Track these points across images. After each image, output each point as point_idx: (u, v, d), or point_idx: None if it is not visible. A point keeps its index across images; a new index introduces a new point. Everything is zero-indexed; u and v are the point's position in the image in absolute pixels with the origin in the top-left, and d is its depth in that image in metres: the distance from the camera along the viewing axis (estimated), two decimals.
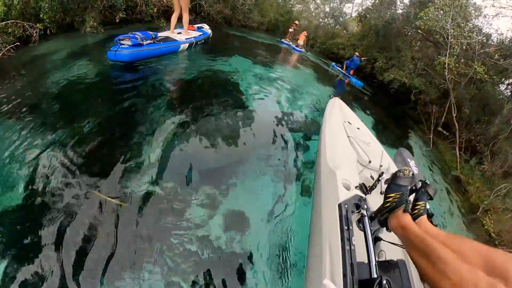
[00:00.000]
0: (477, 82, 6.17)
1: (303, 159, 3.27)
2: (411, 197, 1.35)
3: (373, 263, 1.23)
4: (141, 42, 4.06)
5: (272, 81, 5.92)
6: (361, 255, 1.29)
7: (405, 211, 1.20)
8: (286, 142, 3.47)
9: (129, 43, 3.95)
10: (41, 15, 4.21)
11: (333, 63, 12.91)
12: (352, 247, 1.28)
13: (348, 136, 2.50)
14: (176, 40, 5.10)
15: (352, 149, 2.29)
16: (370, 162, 2.15)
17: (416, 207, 1.26)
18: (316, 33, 18.15)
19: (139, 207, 1.98)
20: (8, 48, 3.66)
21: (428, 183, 1.33)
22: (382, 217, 1.30)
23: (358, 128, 2.91)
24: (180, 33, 5.64)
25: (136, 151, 2.47)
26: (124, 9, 6.07)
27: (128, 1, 6.15)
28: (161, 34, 4.95)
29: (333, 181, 1.72)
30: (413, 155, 5.73)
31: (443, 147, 7.38)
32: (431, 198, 1.31)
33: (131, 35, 3.96)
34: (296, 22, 15.24)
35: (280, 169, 2.89)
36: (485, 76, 5.63)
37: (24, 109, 2.69)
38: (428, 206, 1.31)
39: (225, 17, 11.74)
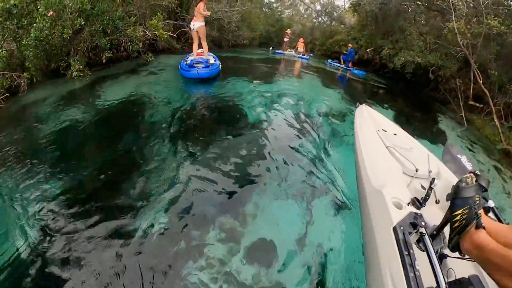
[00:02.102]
0: (496, 37, 6.01)
1: (326, 172, 3.23)
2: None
3: (443, 286, 1.18)
4: (209, 64, 6.38)
5: (277, 95, 6.16)
6: (427, 279, 1.24)
7: (477, 227, 1.09)
8: (303, 157, 3.47)
9: (202, 65, 6.12)
10: (26, 64, 4.64)
11: (329, 60, 13.95)
12: (417, 273, 1.25)
13: (386, 147, 2.47)
14: (216, 64, 6.78)
15: (394, 161, 2.26)
16: (417, 170, 2.12)
17: None
18: (313, 35, 18.74)
19: (153, 249, 1.98)
20: None
21: (479, 173, 1.28)
22: (452, 240, 1.21)
23: (395, 134, 2.87)
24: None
25: (143, 189, 2.54)
26: (109, 48, 6.54)
27: (111, 39, 6.63)
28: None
29: (381, 202, 1.71)
30: (446, 139, 5.61)
31: (480, 121, 7.08)
32: (485, 190, 1.26)
33: (196, 60, 6.38)
34: (288, 31, 16.10)
35: (303, 189, 2.84)
36: (502, 27, 5.47)
37: (19, 159, 2.88)
38: (487, 200, 1.26)
39: (213, 39, 12.38)
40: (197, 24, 6.36)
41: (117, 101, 4.66)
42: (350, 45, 12.99)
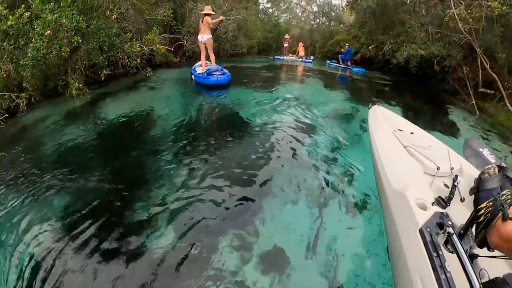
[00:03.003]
0: (499, 19, 5.99)
1: (338, 174, 3.25)
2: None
3: (477, 287, 1.14)
4: (225, 72, 7.24)
5: (281, 101, 6.30)
6: (459, 281, 1.22)
7: (505, 219, 1.06)
8: (313, 161, 3.52)
9: (220, 73, 6.97)
10: (24, 84, 4.84)
11: (328, 61, 14.66)
12: (448, 275, 1.23)
13: (404, 147, 2.47)
14: (227, 72, 7.51)
15: (414, 161, 2.26)
16: (438, 168, 2.12)
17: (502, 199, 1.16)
18: (312, 37, 18.96)
19: (163, 262, 2.00)
20: None
21: (505, 165, 1.25)
22: (479, 236, 1.19)
23: (412, 133, 2.87)
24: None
25: (150, 203, 2.59)
26: (106, 66, 6.75)
27: (109, 56, 6.86)
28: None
29: (405, 205, 1.71)
30: (459, 131, 5.57)
31: (492, 108, 7.00)
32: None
33: (213, 69, 7.15)
34: (287, 36, 16.52)
35: (313, 193, 2.87)
36: (504, 8, 5.47)
37: (22, 178, 2.99)
38: None
39: None
40: (205, 37, 7.15)
41: (119, 118, 4.78)
42: (347, 44, 13.62)
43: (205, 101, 6.07)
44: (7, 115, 4.50)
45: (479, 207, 1.18)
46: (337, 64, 13.72)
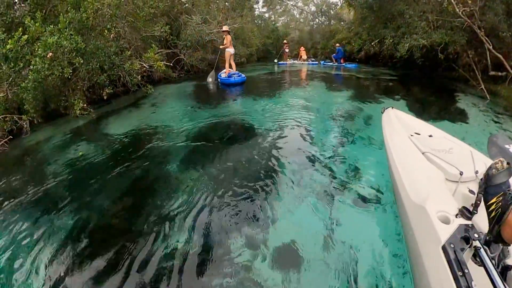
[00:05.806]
0: None
1: (347, 171, 3.37)
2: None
3: None
4: (240, 74, 9.91)
5: (284, 104, 6.62)
6: None
7: None
8: (321, 159, 3.66)
9: (237, 75, 9.76)
10: (25, 106, 5.12)
11: (322, 61, 16.36)
12: None
13: (423, 153, 2.38)
14: (242, 75, 10.01)
15: (434, 168, 2.15)
16: (461, 173, 2.01)
17: None
18: (313, 39, 19.27)
19: (178, 266, 2.11)
20: (2, 142, 4.50)
21: None
22: (493, 232, 1.20)
23: (431, 136, 2.79)
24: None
25: (161, 213, 2.72)
26: (108, 85, 7.10)
27: (109, 75, 7.19)
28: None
29: (425, 220, 1.64)
30: (467, 118, 5.64)
31: (505, 90, 7.08)
32: None
33: (231, 73, 9.85)
34: (285, 41, 17.20)
35: (324, 191, 2.94)
36: None
37: (29, 198, 3.15)
38: None
39: (209, 63, 12.96)
40: (234, 50, 10.03)
41: (125, 135, 4.98)
42: (337, 44, 15.28)
43: (208, 113, 6.29)
44: (11, 137, 4.75)
45: (489, 203, 1.22)
46: (331, 63, 15.19)
